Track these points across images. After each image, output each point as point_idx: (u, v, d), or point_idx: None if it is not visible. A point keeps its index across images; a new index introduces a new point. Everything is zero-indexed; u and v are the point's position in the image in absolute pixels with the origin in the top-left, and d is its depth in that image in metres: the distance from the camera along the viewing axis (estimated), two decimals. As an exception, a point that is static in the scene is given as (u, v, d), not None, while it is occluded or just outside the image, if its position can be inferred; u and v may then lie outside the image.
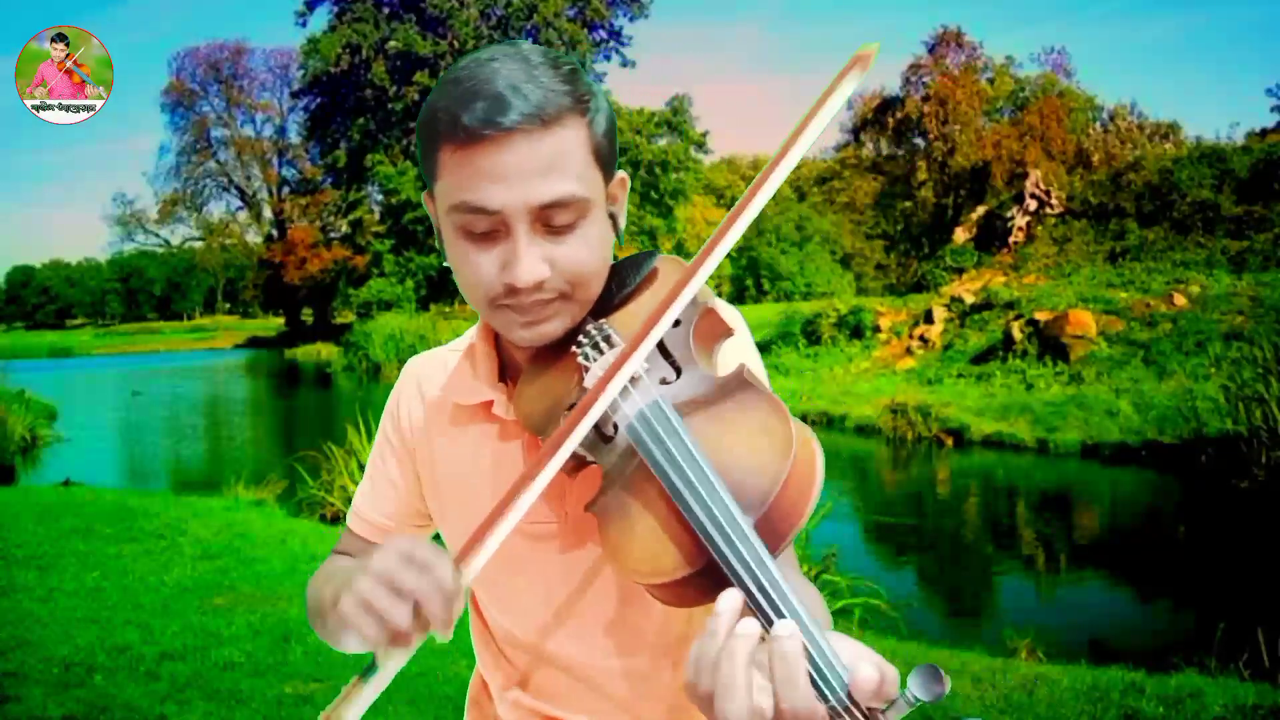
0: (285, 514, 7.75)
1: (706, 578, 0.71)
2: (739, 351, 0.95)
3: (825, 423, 15.10)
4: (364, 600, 0.76)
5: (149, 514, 6.97)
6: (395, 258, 37.06)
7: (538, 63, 0.85)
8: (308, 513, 7.80)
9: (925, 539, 8.85)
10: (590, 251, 0.87)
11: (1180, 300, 16.19)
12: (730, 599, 0.67)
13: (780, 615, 0.66)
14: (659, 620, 0.96)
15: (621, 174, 0.94)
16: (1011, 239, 22.76)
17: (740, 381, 0.80)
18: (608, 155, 0.89)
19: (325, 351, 33.20)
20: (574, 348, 0.89)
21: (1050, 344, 15.87)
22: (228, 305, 70.32)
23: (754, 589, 0.68)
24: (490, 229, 0.85)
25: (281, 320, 51.14)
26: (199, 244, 56.90)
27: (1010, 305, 18.13)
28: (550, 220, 0.84)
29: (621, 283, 0.93)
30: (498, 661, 1.06)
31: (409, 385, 1.07)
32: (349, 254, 40.87)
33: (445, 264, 0.92)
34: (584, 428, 0.79)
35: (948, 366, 17.19)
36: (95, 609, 4.72)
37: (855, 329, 20.18)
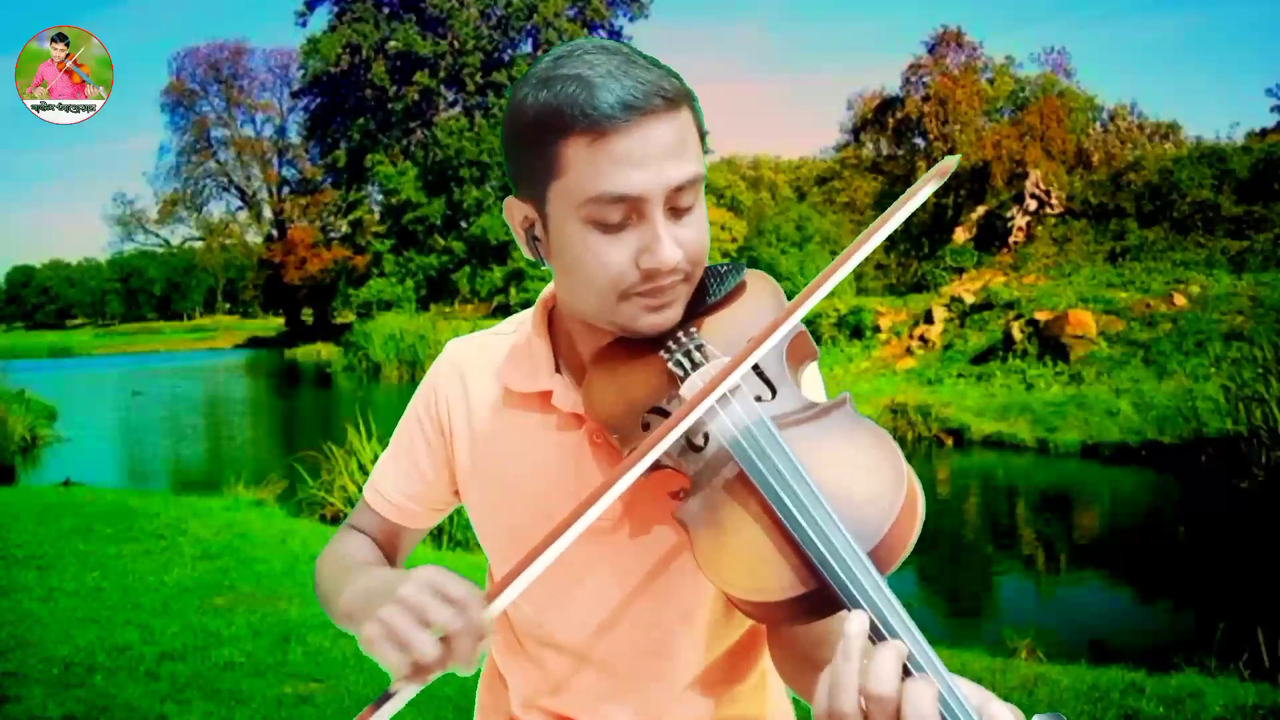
0: (285, 514, 7.75)
1: (811, 601, 0.71)
2: (816, 373, 0.97)
3: (825, 423, 15.10)
4: (391, 629, 0.74)
5: (149, 514, 6.97)
6: (395, 258, 37.06)
7: (627, 52, 0.85)
8: (308, 513, 7.80)
9: (925, 539, 8.76)
10: (704, 231, 0.88)
11: (1180, 300, 16.19)
12: (859, 621, 0.66)
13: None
14: (703, 626, 0.96)
15: None
16: (1011, 239, 22.76)
17: (845, 410, 0.81)
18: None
19: (325, 351, 33.18)
20: (663, 353, 0.88)
21: (1050, 344, 15.88)
22: (228, 305, 70.25)
23: (876, 619, 0.67)
24: (623, 217, 0.84)
25: (281, 320, 51.11)
26: (199, 244, 56.86)
27: (1010, 305, 18.13)
28: (677, 202, 0.84)
29: (703, 288, 0.93)
30: (524, 665, 1.04)
31: (449, 368, 1.05)
32: (349, 254, 40.85)
33: (544, 267, 0.91)
34: (674, 436, 0.79)
35: (948, 366, 17.20)
36: (95, 609, 4.71)
37: (855, 329, 20.18)
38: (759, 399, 0.84)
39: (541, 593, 0.98)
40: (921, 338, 18.81)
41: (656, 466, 0.85)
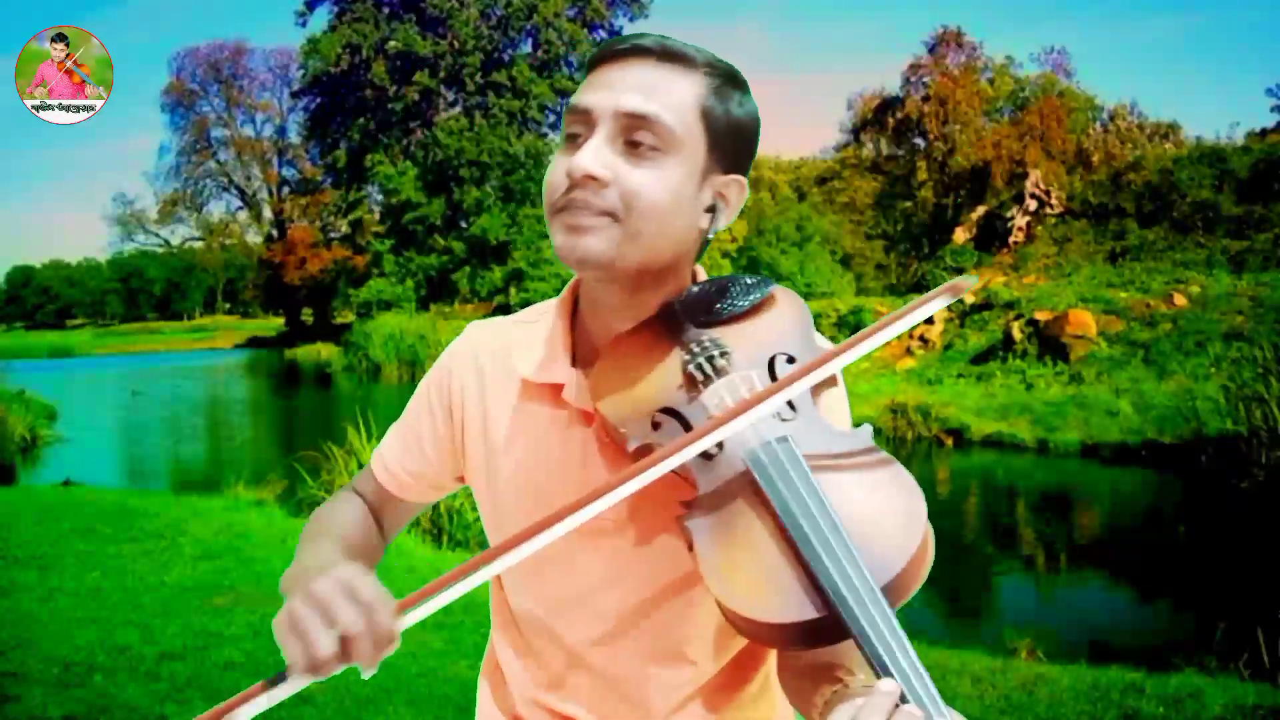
0: (285, 514, 7.74)
1: (815, 628, 0.70)
2: (839, 398, 0.96)
3: (825, 423, 15.09)
4: (295, 620, 0.74)
5: (149, 514, 6.96)
6: (395, 258, 37.04)
7: (701, 47, 0.92)
8: (308, 513, 7.75)
9: (925, 539, 8.83)
10: (660, 187, 0.86)
11: (1180, 300, 16.19)
12: (891, 685, 0.66)
13: (909, 685, 0.67)
14: (700, 632, 0.95)
15: (741, 179, 0.93)
16: (1011, 239, 22.76)
17: (870, 444, 0.81)
18: (722, 136, 0.90)
19: (325, 351, 33.15)
20: (684, 353, 0.88)
21: (1050, 344, 15.87)
22: (228, 305, 70.20)
23: (884, 655, 0.67)
24: (580, 132, 0.88)
25: (281, 320, 51.09)
26: (199, 244, 56.83)
27: (1010, 305, 18.13)
28: (632, 135, 0.86)
29: (728, 295, 0.92)
30: (525, 659, 1.03)
31: (465, 351, 1.04)
32: (349, 254, 40.86)
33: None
34: (696, 450, 0.78)
35: (948, 366, 17.20)
36: (95, 609, 4.71)
37: (855, 329, 20.15)
38: (778, 415, 0.83)
39: (536, 585, 0.98)
40: (921, 338, 18.82)
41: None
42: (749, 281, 0.94)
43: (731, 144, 0.91)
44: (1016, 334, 16.48)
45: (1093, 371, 14.86)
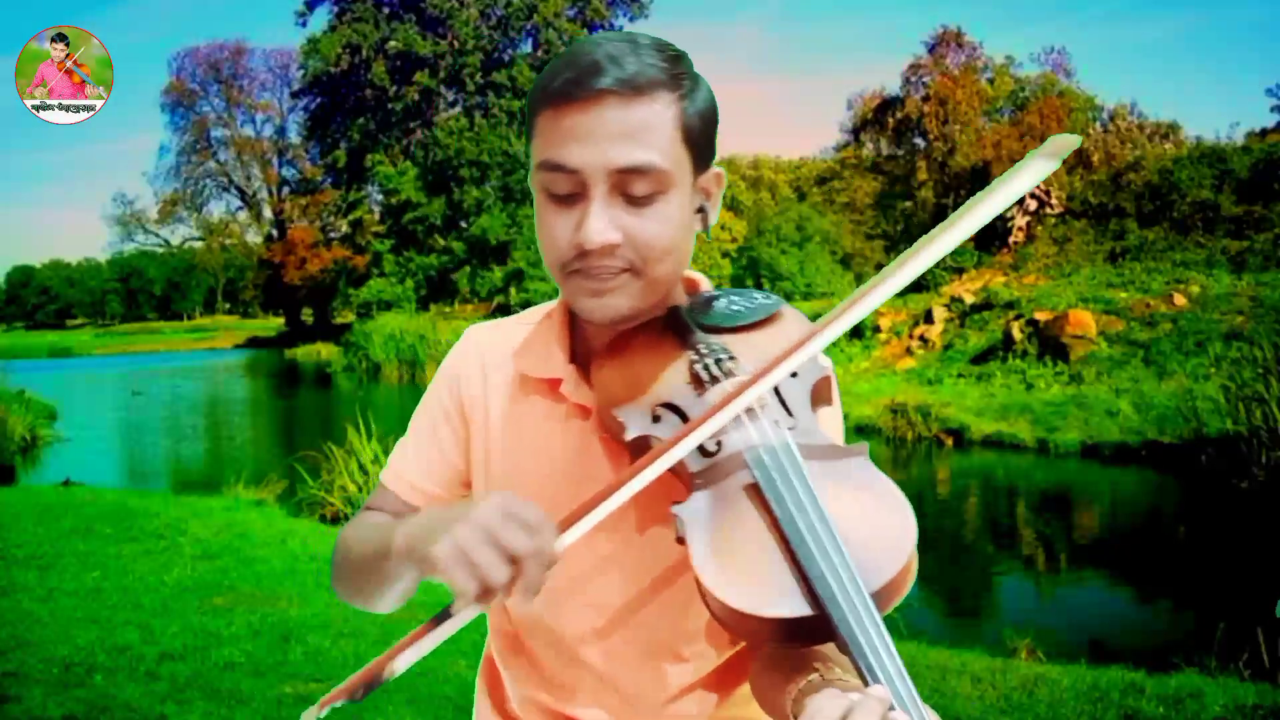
0: (285, 514, 7.74)
1: (801, 626, 0.70)
2: (834, 418, 0.96)
3: (825, 423, 15.10)
4: (463, 550, 0.72)
5: (149, 514, 6.97)
6: (395, 258, 37.07)
7: (643, 43, 0.87)
8: (308, 513, 7.80)
9: (925, 539, 8.79)
10: (667, 229, 0.87)
11: (1180, 300, 16.19)
12: (885, 692, 0.65)
13: (894, 690, 0.66)
14: (695, 627, 0.95)
15: (718, 170, 0.94)
16: (1011, 239, 22.76)
17: (864, 457, 0.82)
18: (700, 141, 0.89)
19: (325, 351, 33.17)
20: (691, 354, 0.90)
21: (1050, 344, 15.88)
22: (228, 305, 70.21)
23: (871, 658, 0.66)
24: (571, 191, 0.86)
25: (281, 320, 51.10)
26: (199, 244, 56.82)
27: (1010, 305, 18.13)
28: (629, 188, 0.85)
29: (738, 307, 0.95)
30: (523, 664, 1.03)
31: (470, 352, 1.05)
32: (349, 254, 40.86)
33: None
34: (703, 435, 0.79)
35: (948, 366, 17.20)
36: (95, 609, 4.71)
37: (855, 329, 20.17)
38: (777, 423, 0.84)
39: (548, 589, 0.99)
40: (921, 338, 18.81)
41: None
42: (758, 296, 0.96)
43: (707, 141, 0.91)
44: (1016, 334, 16.48)
45: (1093, 371, 14.85)
